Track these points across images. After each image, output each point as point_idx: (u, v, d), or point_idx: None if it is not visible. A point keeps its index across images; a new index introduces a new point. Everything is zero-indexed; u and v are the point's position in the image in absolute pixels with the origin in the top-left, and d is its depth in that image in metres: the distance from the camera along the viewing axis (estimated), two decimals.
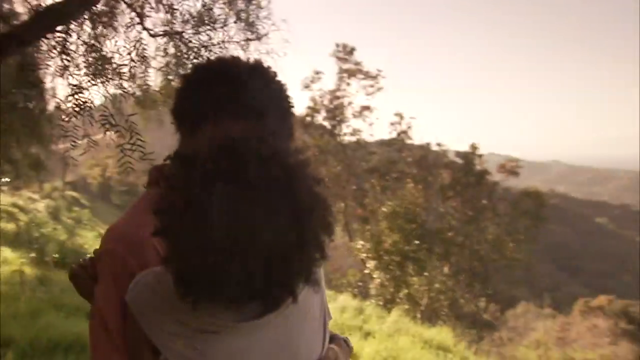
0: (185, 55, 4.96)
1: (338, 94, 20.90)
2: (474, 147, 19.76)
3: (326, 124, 21.27)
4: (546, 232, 32.85)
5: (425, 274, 17.36)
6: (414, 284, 17.39)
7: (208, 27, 4.84)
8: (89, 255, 1.51)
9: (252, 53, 4.92)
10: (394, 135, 21.32)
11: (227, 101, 1.40)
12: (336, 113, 20.94)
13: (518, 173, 21.51)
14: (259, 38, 4.89)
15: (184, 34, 4.98)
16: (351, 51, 20.59)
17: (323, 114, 21.11)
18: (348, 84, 21.11)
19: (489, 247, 18.69)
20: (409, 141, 20.88)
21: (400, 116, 20.96)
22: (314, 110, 20.95)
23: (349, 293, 12.92)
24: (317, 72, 20.72)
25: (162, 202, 1.07)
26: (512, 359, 17.29)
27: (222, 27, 4.80)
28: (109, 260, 1.38)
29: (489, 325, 23.37)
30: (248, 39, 4.85)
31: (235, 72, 1.44)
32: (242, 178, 1.00)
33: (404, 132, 20.78)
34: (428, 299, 17.24)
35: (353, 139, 21.20)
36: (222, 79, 1.43)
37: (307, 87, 20.86)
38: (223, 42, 4.83)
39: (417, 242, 17.08)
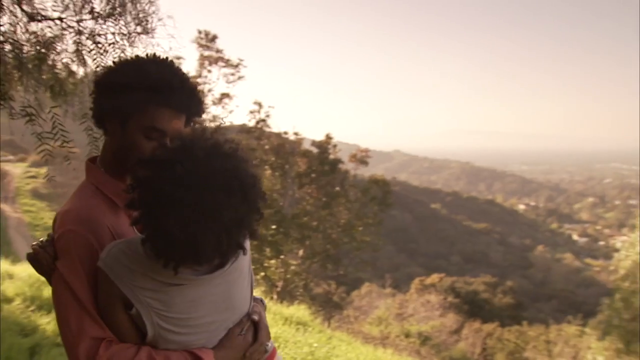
0: (67, 44, 4.93)
1: (199, 80, 20.55)
2: (328, 137, 20.64)
3: None
4: (388, 217, 35.17)
5: (282, 257, 18.03)
6: (272, 266, 17.91)
7: (93, 16, 4.84)
8: (43, 239, 1.67)
9: (139, 46, 4.98)
10: (252, 123, 21.53)
11: (154, 90, 1.63)
12: None
13: (367, 162, 22.81)
14: (147, 32, 4.99)
15: (65, 20, 4.94)
16: (213, 39, 20.27)
17: None
18: (209, 72, 20.90)
19: (341, 231, 19.67)
20: (267, 129, 21.09)
21: (260, 105, 21.15)
22: None
23: None
24: (178, 58, 20.29)
25: (141, 197, 1.43)
26: (359, 334, 18.58)
27: (109, 18, 4.83)
28: (71, 239, 1.58)
29: (338, 305, 24.70)
30: (138, 33, 4.92)
31: (155, 70, 1.67)
32: (202, 173, 1.38)
33: (263, 120, 20.95)
34: (284, 281, 17.93)
35: (213, 125, 21.01)
36: (144, 77, 1.64)
37: None
38: (109, 33, 4.84)
39: (274, 227, 17.69)
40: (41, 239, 1.67)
